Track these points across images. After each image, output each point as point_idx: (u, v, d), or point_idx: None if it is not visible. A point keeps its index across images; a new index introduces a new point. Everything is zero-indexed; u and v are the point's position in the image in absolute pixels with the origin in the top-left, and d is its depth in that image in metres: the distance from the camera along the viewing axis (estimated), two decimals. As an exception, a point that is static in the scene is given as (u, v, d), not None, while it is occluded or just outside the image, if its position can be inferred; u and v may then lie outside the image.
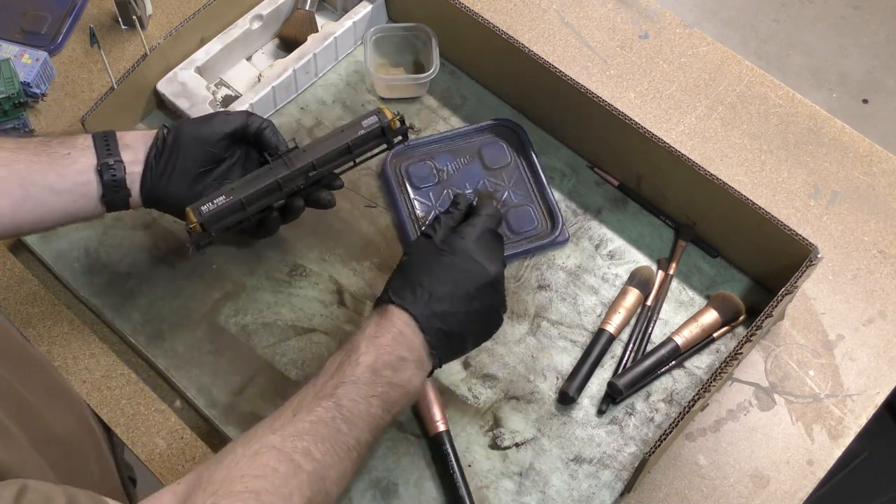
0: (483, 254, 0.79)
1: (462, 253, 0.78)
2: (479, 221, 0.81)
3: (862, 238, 1.03)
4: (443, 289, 0.77)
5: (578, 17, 1.19)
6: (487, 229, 0.81)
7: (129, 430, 0.91)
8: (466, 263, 0.78)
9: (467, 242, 0.79)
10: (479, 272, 0.78)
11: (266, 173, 0.86)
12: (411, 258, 0.80)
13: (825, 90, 2.39)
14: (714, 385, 0.84)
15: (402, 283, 0.78)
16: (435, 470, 0.89)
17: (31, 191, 0.80)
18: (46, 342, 0.95)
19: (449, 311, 0.77)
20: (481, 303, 0.78)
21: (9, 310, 0.97)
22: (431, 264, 0.78)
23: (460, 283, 0.77)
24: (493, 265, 0.79)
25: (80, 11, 1.17)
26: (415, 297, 0.76)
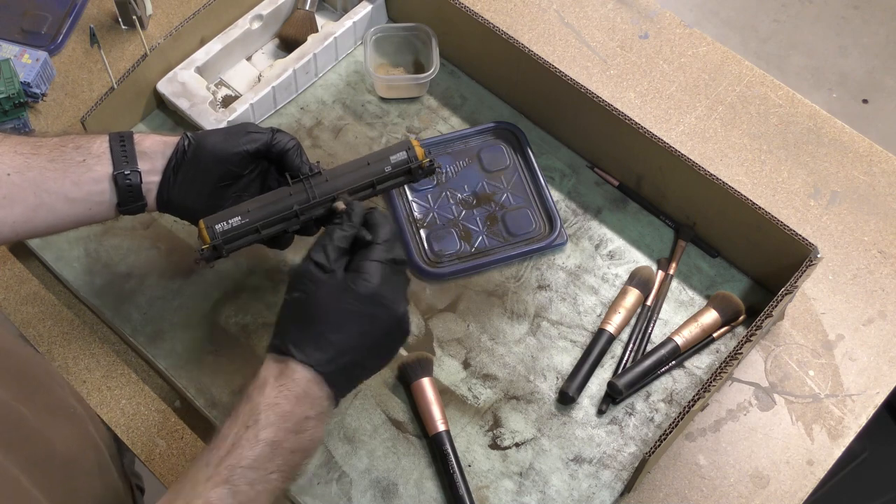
0: (389, 293, 0.74)
1: (368, 299, 0.72)
2: (378, 253, 0.75)
3: (862, 238, 1.03)
4: (350, 341, 0.72)
5: (578, 17, 1.19)
6: (389, 260, 0.75)
7: (129, 430, 0.91)
8: (373, 309, 0.73)
9: (371, 285, 0.73)
10: (387, 317, 0.74)
11: (285, 198, 0.81)
12: (310, 301, 0.72)
13: (825, 90, 2.39)
14: (714, 385, 0.84)
15: (301, 334, 0.72)
16: (435, 470, 0.89)
17: (45, 199, 0.79)
18: (46, 342, 0.95)
19: (354, 360, 0.73)
20: (389, 343, 0.76)
21: (9, 310, 0.97)
22: (334, 313, 0.72)
23: (368, 331, 0.73)
24: (399, 303, 0.74)
25: (80, 11, 1.17)
26: (320, 353, 0.71)
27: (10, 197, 0.78)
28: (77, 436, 0.78)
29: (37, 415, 0.72)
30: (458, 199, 1.03)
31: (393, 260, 0.75)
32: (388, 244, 0.76)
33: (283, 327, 0.73)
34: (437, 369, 0.93)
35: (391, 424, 0.91)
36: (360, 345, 0.73)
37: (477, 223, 1.02)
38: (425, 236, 1.00)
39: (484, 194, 1.03)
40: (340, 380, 0.73)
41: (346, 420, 0.91)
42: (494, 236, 1.01)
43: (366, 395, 0.92)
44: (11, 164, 0.78)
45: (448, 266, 0.98)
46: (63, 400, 0.80)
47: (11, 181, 0.78)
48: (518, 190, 1.04)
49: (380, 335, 0.74)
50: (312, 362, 0.71)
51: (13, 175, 0.78)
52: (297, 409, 0.70)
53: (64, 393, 0.81)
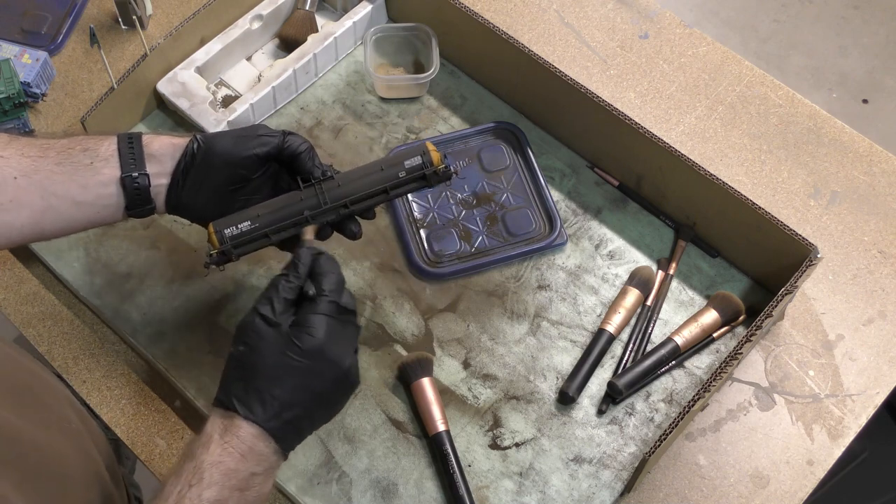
0: (335, 347, 0.72)
1: (313, 354, 0.71)
2: (324, 305, 0.73)
3: (862, 238, 1.03)
4: (295, 396, 0.71)
5: (578, 17, 1.19)
6: (334, 310, 0.73)
7: (129, 430, 0.91)
8: (319, 365, 0.72)
9: (317, 339, 0.71)
10: (333, 371, 0.72)
11: (296, 202, 0.80)
12: (254, 355, 0.71)
13: (825, 90, 2.39)
14: (714, 385, 0.84)
15: (245, 389, 0.70)
16: (435, 470, 0.89)
17: (52, 202, 0.77)
18: (46, 342, 0.95)
19: (303, 415, 0.72)
20: (336, 396, 0.75)
21: (9, 310, 0.97)
22: (280, 370, 0.71)
23: (314, 386, 0.72)
24: (346, 356, 0.73)
25: (80, 11, 1.17)
26: (264, 410, 0.70)
27: (17, 200, 0.77)
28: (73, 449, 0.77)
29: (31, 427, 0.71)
30: (458, 199, 1.03)
31: (339, 310, 0.73)
32: (335, 294, 0.74)
33: (227, 382, 0.72)
34: (437, 369, 0.93)
35: (391, 424, 0.91)
36: (305, 399, 0.72)
37: (477, 223, 1.02)
38: (425, 236, 1.00)
39: (484, 194, 1.03)
40: (287, 434, 0.72)
41: (346, 420, 0.91)
42: (494, 236, 1.01)
43: (366, 395, 0.92)
44: (18, 167, 0.77)
45: (448, 266, 0.98)
46: (59, 413, 0.79)
47: (18, 185, 0.77)
48: (518, 190, 1.04)
49: (326, 389, 0.73)
50: (257, 418, 0.70)
51: (20, 178, 0.77)
52: (243, 466, 0.69)
53: (60, 405, 0.80)
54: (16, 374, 0.75)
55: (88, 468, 0.77)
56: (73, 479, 0.74)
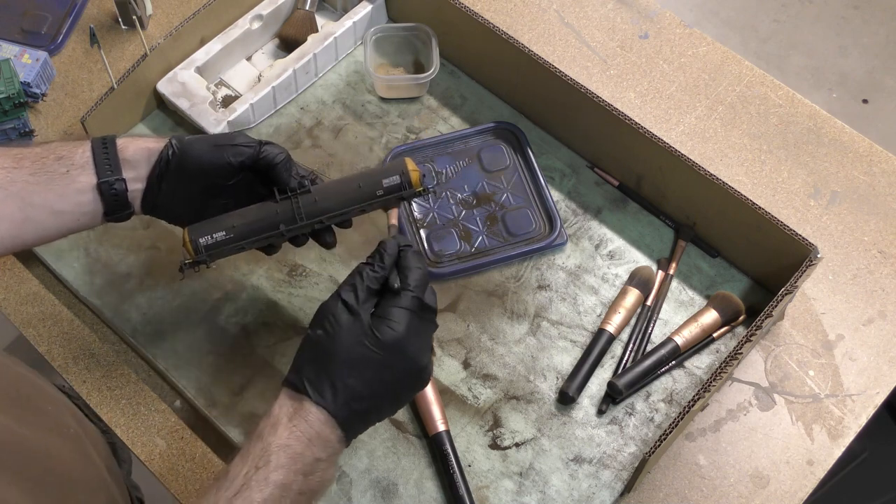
0: (415, 344, 0.72)
1: (392, 348, 0.71)
2: (407, 301, 0.72)
3: (862, 238, 1.03)
4: (368, 387, 0.71)
5: (578, 17, 1.19)
6: (417, 306, 0.73)
7: (129, 430, 0.91)
8: (396, 360, 0.71)
9: (397, 333, 0.71)
10: (409, 367, 0.72)
11: (271, 214, 0.80)
12: (329, 340, 0.71)
13: (825, 90, 2.39)
14: (714, 385, 0.84)
15: (318, 374, 0.70)
16: (435, 470, 0.89)
17: (30, 213, 0.77)
18: (46, 342, 0.95)
19: (372, 408, 0.72)
20: (407, 391, 0.75)
21: (9, 310, 0.97)
22: (356, 359, 0.70)
23: (388, 381, 0.72)
24: (423, 354, 0.73)
25: (80, 11, 1.17)
26: (335, 397, 0.70)
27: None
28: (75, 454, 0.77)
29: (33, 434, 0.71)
30: (458, 199, 1.03)
31: (422, 306, 0.73)
32: (418, 289, 0.73)
33: (301, 364, 0.72)
34: (437, 369, 0.93)
35: (391, 424, 0.91)
36: (377, 391, 0.71)
37: (477, 223, 1.02)
38: (425, 236, 1.00)
39: (484, 194, 1.03)
40: (354, 424, 0.72)
41: (346, 420, 0.91)
42: (494, 236, 1.01)
43: (366, 395, 0.92)
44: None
45: (448, 266, 0.98)
46: (57, 418, 0.79)
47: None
48: (518, 190, 1.04)
49: (399, 384, 0.73)
50: (327, 405, 0.70)
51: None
52: (309, 451, 0.69)
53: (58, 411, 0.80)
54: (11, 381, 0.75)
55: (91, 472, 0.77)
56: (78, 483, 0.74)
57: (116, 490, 0.81)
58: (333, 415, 0.70)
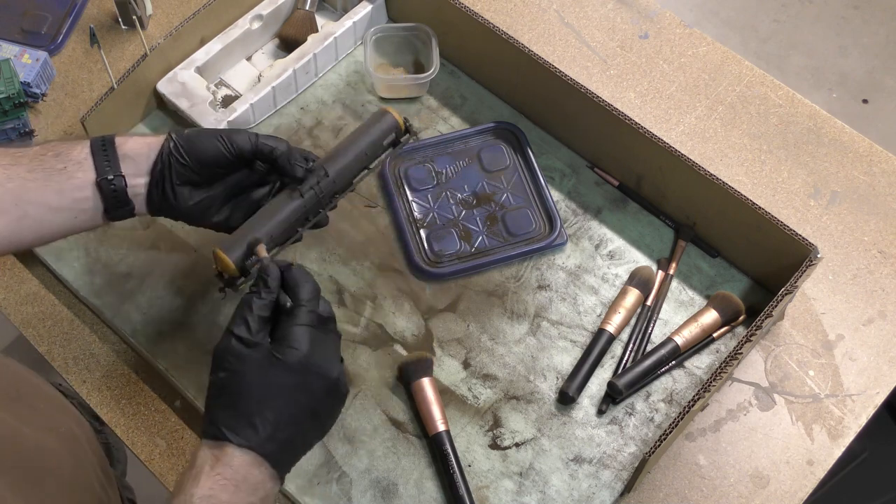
0: (321, 357, 0.70)
1: (298, 367, 0.68)
2: (303, 316, 0.70)
3: (862, 238, 1.03)
4: (285, 414, 0.68)
5: (578, 17, 1.19)
6: (314, 320, 0.71)
7: (129, 430, 0.91)
8: (306, 378, 0.69)
9: (301, 352, 0.69)
10: (321, 383, 0.70)
11: (298, 209, 0.81)
12: (237, 379, 0.68)
13: (825, 90, 2.39)
14: (714, 385, 0.84)
15: (234, 416, 0.67)
16: (435, 470, 0.89)
17: (28, 210, 0.76)
18: (46, 342, 0.95)
19: (296, 433, 0.69)
20: (328, 408, 0.72)
21: (9, 310, 0.97)
22: (266, 390, 0.68)
23: (305, 401, 0.69)
24: (332, 366, 0.71)
25: (80, 11, 1.17)
26: (256, 434, 0.67)
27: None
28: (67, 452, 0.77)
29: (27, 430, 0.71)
30: (458, 199, 1.03)
31: (319, 319, 0.71)
32: (312, 303, 0.71)
33: (213, 411, 0.69)
34: (437, 369, 0.93)
35: (391, 424, 0.91)
36: (298, 417, 0.69)
37: (477, 223, 1.02)
38: (425, 236, 1.00)
39: (484, 194, 1.03)
40: (283, 457, 0.69)
41: (346, 420, 0.91)
42: (494, 236, 1.01)
43: (366, 395, 0.92)
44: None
45: (448, 266, 0.98)
46: (53, 416, 0.78)
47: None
48: (518, 190, 1.04)
49: (317, 403, 0.70)
50: (251, 444, 0.67)
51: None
52: (237, 498, 0.66)
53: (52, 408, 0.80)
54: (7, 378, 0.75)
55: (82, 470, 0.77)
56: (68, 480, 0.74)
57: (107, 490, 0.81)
58: (260, 453, 0.67)
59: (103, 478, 0.81)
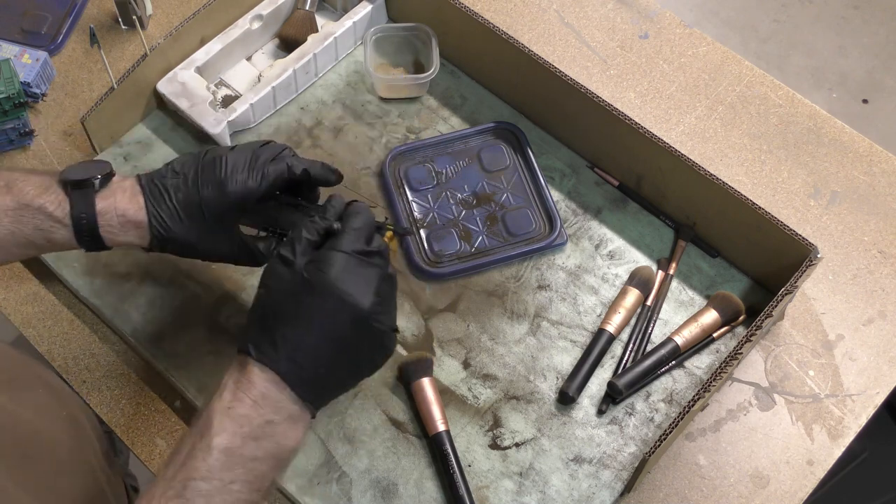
0: (349, 285, 0.67)
1: (326, 290, 0.67)
2: (344, 242, 0.69)
3: (862, 238, 1.03)
4: (308, 338, 0.67)
5: (578, 17, 1.19)
6: (355, 250, 0.69)
7: (129, 430, 0.91)
8: (332, 303, 0.67)
9: (330, 275, 0.67)
10: (348, 311, 0.67)
11: None
12: (269, 295, 0.69)
13: (825, 90, 2.39)
14: (714, 385, 0.84)
15: (260, 331, 0.67)
16: (435, 470, 0.89)
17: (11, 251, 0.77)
18: (46, 342, 0.95)
19: (318, 360, 0.67)
20: (357, 343, 0.69)
21: (9, 310, 0.97)
22: (291, 307, 0.67)
23: (327, 327, 0.67)
24: (365, 296, 0.68)
25: (80, 11, 1.17)
26: (276, 352, 0.66)
27: None
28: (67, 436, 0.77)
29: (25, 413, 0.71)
30: (458, 199, 1.03)
31: (362, 251, 0.69)
32: (358, 233, 0.70)
33: (247, 326, 0.70)
34: (437, 369, 0.93)
35: (391, 424, 0.91)
36: (321, 343, 0.67)
37: (477, 223, 1.02)
38: (425, 236, 1.00)
39: (484, 194, 1.03)
40: (304, 383, 0.67)
41: (346, 420, 0.91)
42: (494, 236, 1.01)
43: (366, 395, 0.92)
44: None
45: (448, 266, 0.98)
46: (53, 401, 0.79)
47: None
48: (518, 190, 1.04)
49: (343, 334, 0.68)
50: (268, 361, 0.66)
51: None
52: (255, 412, 0.65)
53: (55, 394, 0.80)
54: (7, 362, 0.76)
55: (82, 455, 0.77)
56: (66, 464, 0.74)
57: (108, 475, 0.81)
58: (278, 372, 0.66)
59: (105, 463, 0.81)
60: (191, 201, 0.78)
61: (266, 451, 0.66)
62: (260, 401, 0.66)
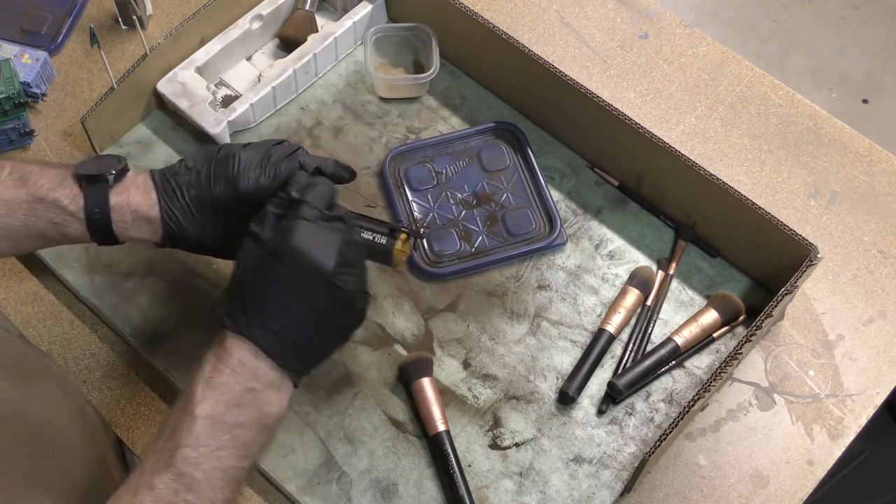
0: (312, 247, 0.70)
1: (289, 256, 0.69)
2: (304, 210, 0.71)
3: (862, 238, 1.03)
4: (275, 303, 0.69)
5: (578, 17, 1.19)
6: (315, 215, 0.71)
7: (129, 430, 0.91)
8: (293, 267, 0.69)
9: (292, 241, 0.69)
10: (312, 273, 0.69)
11: None
12: (240, 269, 0.71)
13: (825, 90, 2.39)
14: (714, 385, 0.84)
15: (232, 302, 0.70)
16: (435, 470, 0.89)
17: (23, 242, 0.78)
18: (46, 342, 0.95)
19: (289, 325, 0.69)
20: (325, 305, 0.71)
21: (9, 310, 0.97)
22: (259, 275, 0.70)
23: (292, 291, 0.69)
24: (327, 258, 0.70)
25: (80, 11, 1.17)
26: (247, 319, 0.68)
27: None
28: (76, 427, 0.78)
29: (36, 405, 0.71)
30: (458, 199, 1.03)
31: (322, 215, 0.72)
32: (317, 199, 0.72)
33: (225, 301, 0.71)
34: (437, 369, 0.93)
35: (391, 424, 0.91)
36: (289, 307, 0.69)
37: (477, 223, 1.02)
38: (425, 236, 1.00)
39: (484, 194, 1.03)
40: (278, 348, 0.69)
41: (346, 420, 0.91)
42: (494, 236, 1.01)
43: (366, 395, 0.92)
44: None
45: (448, 266, 0.98)
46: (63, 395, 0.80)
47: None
48: (518, 190, 1.04)
49: (310, 295, 0.70)
50: (241, 329, 0.68)
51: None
52: (234, 380, 0.67)
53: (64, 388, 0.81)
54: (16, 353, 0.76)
55: (93, 447, 0.78)
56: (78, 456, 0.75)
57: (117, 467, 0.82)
58: (251, 338, 0.68)
59: (113, 456, 0.82)
60: (203, 198, 0.78)
61: (250, 417, 0.67)
62: (238, 368, 0.67)
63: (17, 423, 0.67)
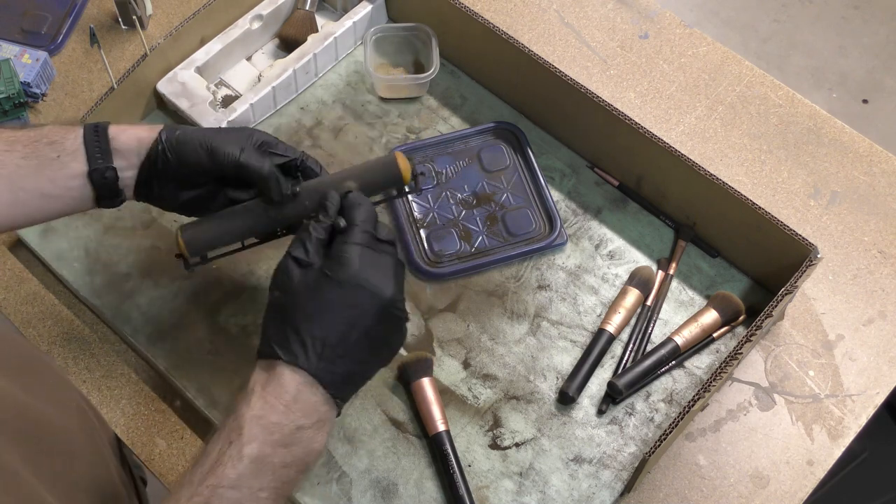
0: (372, 276, 0.69)
1: (348, 282, 0.68)
2: (356, 235, 0.70)
3: (862, 238, 1.03)
4: (336, 333, 0.67)
5: (578, 17, 1.19)
6: (368, 241, 0.71)
7: (129, 430, 0.91)
8: (356, 295, 0.68)
9: (351, 267, 0.68)
10: (373, 300, 0.69)
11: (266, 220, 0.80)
12: (288, 297, 0.69)
13: (825, 90, 2.39)
14: (714, 385, 0.84)
15: (285, 332, 0.68)
16: (435, 470, 0.89)
17: (20, 195, 0.77)
18: (46, 342, 0.95)
19: (348, 354, 0.68)
20: (382, 331, 0.70)
21: (9, 310, 0.97)
22: (316, 305, 0.68)
23: (355, 320, 0.68)
24: (387, 285, 0.70)
25: (80, 11, 1.17)
26: (305, 352, 0.67)
27: None
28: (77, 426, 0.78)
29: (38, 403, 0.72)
30: (458, 199, 1.03)
31: (374, 240, 0.71)
32: (365, 223, 0.72)
33: (267, 330, 0.70)
34: (437, 369, 0.93)
35: (391, 424, 0.91)
36: (349, 336, 0.68)
37: (477, 223, 1.02)
38: (425, 236, 1.00)
39: (484, 194, 1.03)
40: (335, 379, 0.68)
41: (346, 420, 0.91)
42: (494, 236, 1.01)
43: (366, 395, 0.92)
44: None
45: (448, 266, 0.98)
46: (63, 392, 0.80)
47: None
48: (518, 190, 1.04)
49: (370, 324, 0.69)
50: (301, 362, 0.67)
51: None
52: (287, 418, 0.66)
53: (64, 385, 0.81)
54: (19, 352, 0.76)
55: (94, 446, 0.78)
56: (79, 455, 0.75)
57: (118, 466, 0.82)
58: (310, 372, 0.67)
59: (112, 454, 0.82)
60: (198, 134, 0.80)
61: (295, 457, 0.66)
62: (292, 405, 0.66)
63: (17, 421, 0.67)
